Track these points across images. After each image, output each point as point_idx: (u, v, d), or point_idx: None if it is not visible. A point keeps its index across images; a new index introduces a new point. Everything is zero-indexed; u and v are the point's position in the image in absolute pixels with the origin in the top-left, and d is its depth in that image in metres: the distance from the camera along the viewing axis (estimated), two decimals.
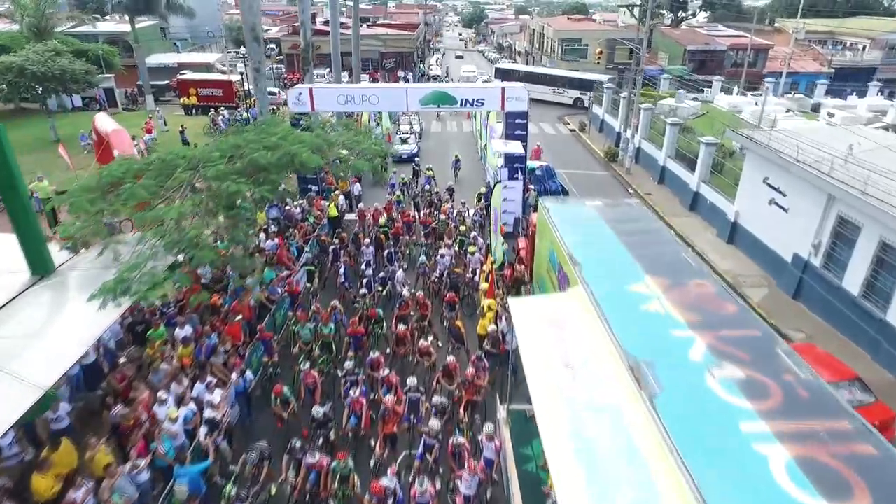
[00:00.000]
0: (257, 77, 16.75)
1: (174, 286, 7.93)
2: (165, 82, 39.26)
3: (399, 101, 18.40)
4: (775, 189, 15.33)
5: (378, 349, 11.01)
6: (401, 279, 13.30)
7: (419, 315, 11.78)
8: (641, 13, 26.48)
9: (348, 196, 19.52)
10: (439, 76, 54.43)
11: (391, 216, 16.77)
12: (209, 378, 9.43)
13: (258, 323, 11.47)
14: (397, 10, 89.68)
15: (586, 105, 37.52)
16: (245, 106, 32.80)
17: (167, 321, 10.99)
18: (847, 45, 48.17)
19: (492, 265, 13.17)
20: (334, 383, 10.57)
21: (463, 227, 15.64)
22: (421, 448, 8.31)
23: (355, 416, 9.08)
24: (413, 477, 7.76)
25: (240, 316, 11.27)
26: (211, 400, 8.93)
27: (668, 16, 53.15)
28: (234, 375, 9.64)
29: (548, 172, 20.36)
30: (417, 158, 23.55)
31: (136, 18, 36.10)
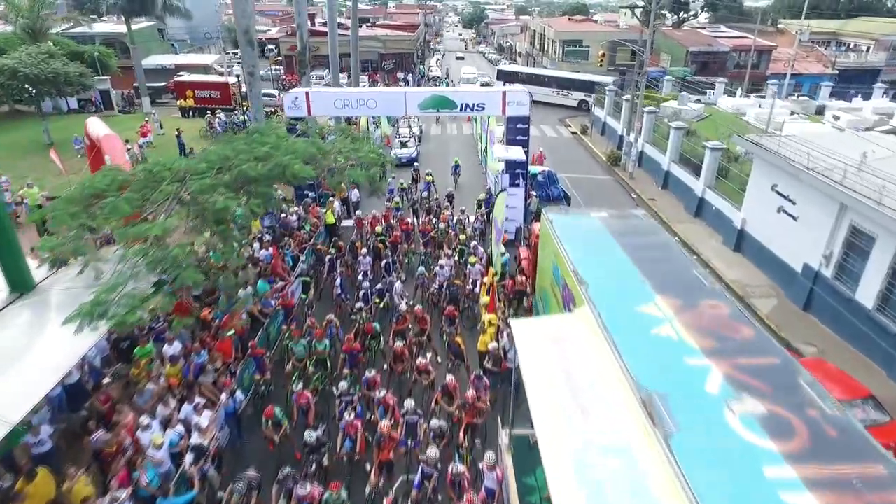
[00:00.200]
0: (252, 81, 16.31)
1: (155, 310, 7.49)
2: (163, 84, 38.85)
3: (397, 106, 17.94)
4: (784, 197, 14.90)
5: (375, 366, 10.60)
6: (399, 291, 12.87)
7: (418, 329, 11.37)
8: (645, 14, 26.03)
9: (346, 201, 19.11)
10: (439, 77, 53.99)
11: (389, 223, 16.37)
12: (197, 399, 9.02)
13: (251, 337, 11.06)
14: (397, 11, 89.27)
15: (591, 107, 37.11)
16: (242, 109, 32.37)
17: (156, 336, 10.58)
18: (850, 47, 47.74)
19: (493, 277, 12.74)
20: (329, 402, 10.15)
21: (463, 236, 15.21)
22: (419, 476, 7.88)
23: (350, 440, 8.67)
24: None
25: (231, 331, 10.85)
26: (199, 423, 8.53)
27: (671, 17, 52.67)
28: (224, 396, 9.23)
29: (550, 178, 19.93)
30: (417, 164, 23.11)
31: (133, 20, 35.63)
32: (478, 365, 10.47)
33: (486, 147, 23.03)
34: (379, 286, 13.08)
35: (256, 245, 14.20)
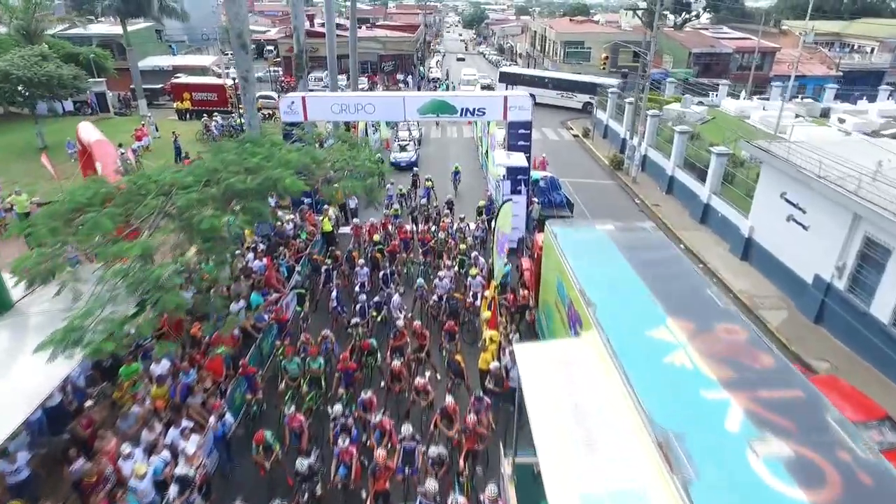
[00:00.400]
0: (246, 86, 15.88)
1: (139, 328, 7.06)
2: (160, 86, 38.37)
3: (396, 111, 17.52)
4: (794, 205, 14.46)
5: (372, 386, 10.16)
6: (397, 304, 12.42)
7: (416, 345, 10.94)
8: (648, 16, 25.58)
9: (344, 208, 18.67)
10: (439, 79, 53.52)
11: (388, 231, 15.92)
12: (185, 423, 8.59)
13: (243, 354, 10.61)
14: (397, 11, 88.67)
15: (593, 110, 36.64)
16: (239, 112, 31.91)
17: (143, 354, 10.15)
18: (854, 48, 47.29)
19: (495, 290, 12.30)
20: (323, 423, 9.71)
21: (463, 246, 14.76)
22: None
23: (345, 467, 8.23)
24: None
25: (222, 348, 10.41)
26: (185, 449, 8.09)
27: (673, 18, 52.22)
28: (213, 419, 8.79)
29: (552, 184, 19.45)
30: (416, 168, 22.67)
31: (130, 21, 35.15)
32: (478, 384, 10.04)
33: (487, 151, 22.59)
34: (376, 299, 12.64)
35: (250, 255, 13.74)
